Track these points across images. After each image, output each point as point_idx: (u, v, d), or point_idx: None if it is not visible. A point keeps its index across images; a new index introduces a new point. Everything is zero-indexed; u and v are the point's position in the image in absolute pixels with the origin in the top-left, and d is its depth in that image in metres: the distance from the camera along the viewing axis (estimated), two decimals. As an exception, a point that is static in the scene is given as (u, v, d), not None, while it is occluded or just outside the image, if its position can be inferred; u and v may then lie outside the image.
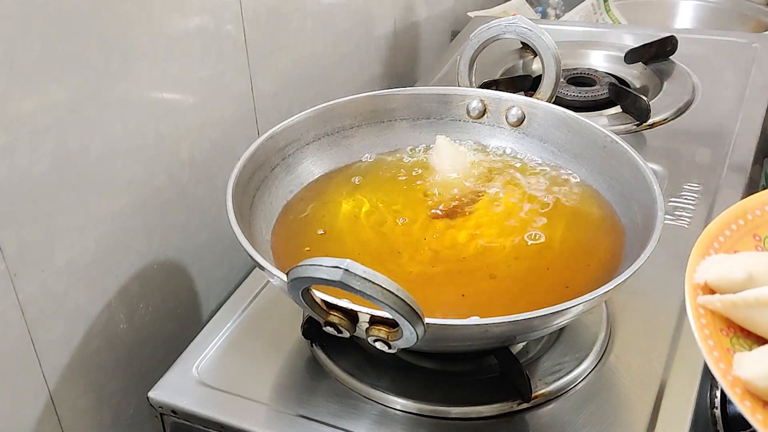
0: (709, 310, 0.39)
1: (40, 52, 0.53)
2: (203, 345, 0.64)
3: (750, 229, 0.44)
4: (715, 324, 0.39)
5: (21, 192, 0.54)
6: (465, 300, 0.58)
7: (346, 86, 0.94)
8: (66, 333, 0.61)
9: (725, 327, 0.39)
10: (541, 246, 0.62)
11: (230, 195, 0.59)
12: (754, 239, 0.43)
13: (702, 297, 0.40)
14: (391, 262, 0.61)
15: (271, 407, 0.58)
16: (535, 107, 0.72)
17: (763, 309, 0.38)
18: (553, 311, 0.50)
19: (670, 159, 0.83)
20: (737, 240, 0.44)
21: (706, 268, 0.41)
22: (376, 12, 0.99)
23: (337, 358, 0.61)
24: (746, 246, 0.43)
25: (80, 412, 0.64)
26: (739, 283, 0.39)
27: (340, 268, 0.42)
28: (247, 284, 0.70)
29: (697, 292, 0.40)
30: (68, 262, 0.59)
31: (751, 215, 0.44)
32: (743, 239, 0.44)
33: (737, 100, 0.92)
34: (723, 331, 0.39)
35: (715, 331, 0.39)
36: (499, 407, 0.56)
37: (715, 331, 0.39)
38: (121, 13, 0.60)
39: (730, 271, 0.40)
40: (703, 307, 0.39)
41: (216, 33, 0.71)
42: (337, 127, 0.72)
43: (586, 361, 0.60)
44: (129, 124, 0.63)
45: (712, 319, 0.39)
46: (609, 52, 1.04)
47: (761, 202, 0.45)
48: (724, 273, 0.40)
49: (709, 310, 0.39)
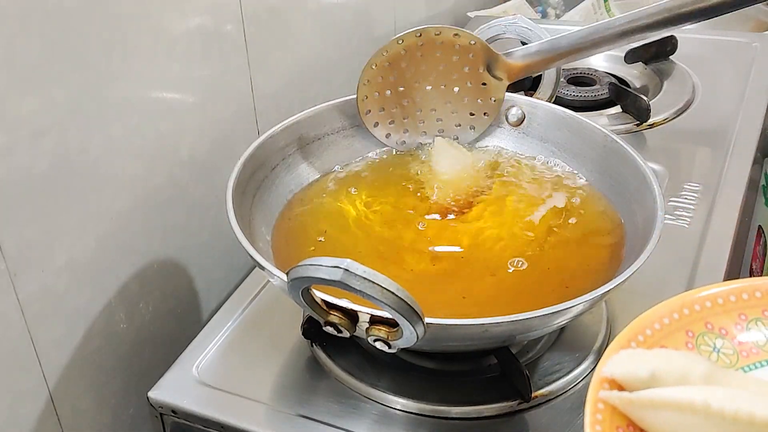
0: (610, 405, 0.39)
1: (40, 52, 0.53)
2: (203, 345, 0.64)
3: (684, 324, 0.43)
4: (613, 420, 0.38)
5: (21, 191, 0.54)
6: (465, 300, 0.58)
7: (346, 86, 0.94)
8: (66, 332, 0.61)
9: (623, 425, 0.38)
10: (541, 245, 0.62)
11: (230, 195, 0.59)
12: (686, 335, 0.42)
13: (604, 392, 0.39)
14: (391, 262, 0.61)
15: (271, 407, 0.58)
16: (536, 107, 0.72)
17: (656, 410, 0.37)
18: (553, 311, 0.50)
19: (670, 159, 0.83)
20: (666, 335, 0.42)
21: (616, 362, 0.40)
22: (376, 12, 0.99)
23: (337, 358, 0.61)
24: (676, 342, 0.42)
25: (80, 412, 0.64)
26: (644, 381, 0.38)
27: (340, 267, 0.42)
28: (247, 284, 0.70)
29: (602, 386, 0.39)
30: (68, 261, 0.59)
31: (689, 310, 0.43)
32: (674, 334, 0.42)
33: (737, 100, 0.92)
34: (620, 429, 0.38)
35: (612, 427, 0.38)
36: (499, 407, 0.56)
37: (612, 427, 0.38)
38: (121, 12, 0.60)
39: (636, 368, 0.39)
40: (603, 401, 0.39)
41: (216, 33, 0.71)
42: (338, 127, 0.72)
43: (586, 360, 0.60)
44: (129, 123, 0.63)
45: (611, 415, 0.38)
46: (609, 51, 1.04)
47: (701, 297, 0.44)
48: (630, 369, 0.39)
49: (610, 405, 0.39)
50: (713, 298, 0.44)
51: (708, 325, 0.43)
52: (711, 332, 0.43)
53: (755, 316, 0.44)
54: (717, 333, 0.43)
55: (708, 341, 0.43)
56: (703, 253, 0.70)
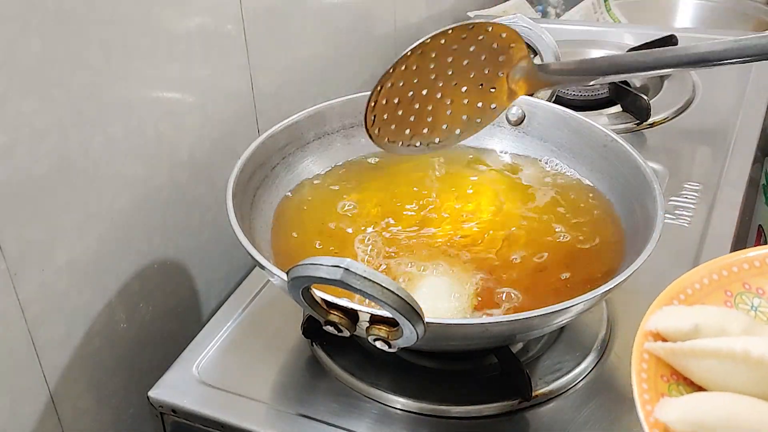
0: (655, 356, 0.41)
1: (40, 52, 0.53)
2: (203, 344, 0.64)
3: (722, 284, 0.45)
4: (657, 370, 0.41)
5: (21, 191, 0.54)
6: (465, 299, 0.58)
7: (346, 86, 0.94)
8: (66, 332, 0.61)
9: (668, 374, 0.41)
10: (541, 245, 0.62)
11: (230, 194, 0.59)
12: (725, 294, 0.44)
13: (648, 343, 0.41)
14: (390, 261, 0.61)
15: (271, 406, 0.58)
16: (536, 106, 0.72)
17: (698, 359, 0.39)
18: (553, 310, 0.50)
19: (671, 158, 0.83)
20: (707, 294, 0.45)
21: (660, 317, 0.43)
22: (376, 11, 0.99)
23: (337, 357, 0.61)
24: (715, 301, 0.44)
25: (80, 412, 0.64)
26: (686, 333, 0.41)
27: (341, 267, 0.42)
28: (248, 283, 0.70)
29: (646, 338, 0.42)
30: (68, 261, 0.59)
31: (727, 272, 0.45)
32: (713, 293, 0.45)
33: (737, 99, 0.92)
34: (664, 377, 0.41)
35: (656, 377, 0.41)
36: (500, 406, 0.56)
37: (656, 377, 0.41)
38: (121, 12, 0.60)
39: (680, 321, 0.41)
40: (648, 352, 0.41)
41: (216, 33, 0.71)
42: (338, 127, 0.72)
43: (587, 360, 0.60)
44: (129, 123, 0.63)
45: (656, 365, 0.41)
46: (609, 51, 1.04)
47: (739, 260, 0.46)
48: (674, 322, 0.42)
49: (654, 356, 0.41)
50: (750, 260, 0.46)
51: (745, 285, 0.45)
52: (748, 292, 0.45)
53: None
54: (754, 293, 0.45)
55: (746, 300, 0.45)
56: (703, 252, 0.70)
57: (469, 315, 0.56)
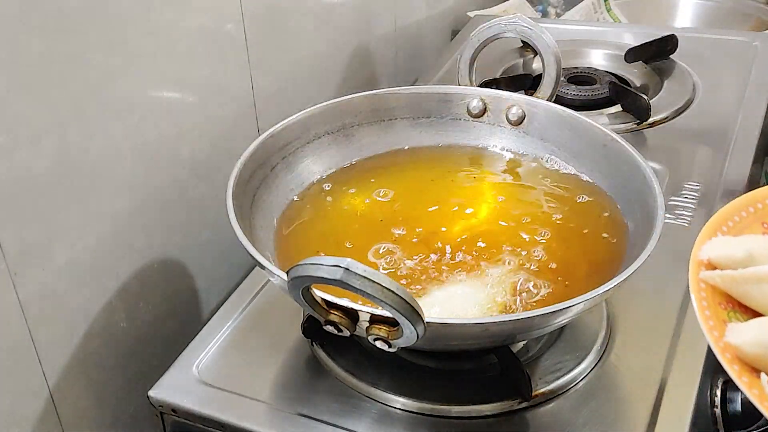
0: (710, 285, 0.42)
1: (40, 51, 0.53)
2: (203, 344, 0.64)
3: (759, 216, 0.46)
4: (714, 298, 0.42)
5: (21, 191, 0.54)
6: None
7: (346, 85, 0.94)
8: (66, 332, 0.61)
9: (724, 301, 0.42)
10: (542, 245, 0.62)
11: (231, 194, 0.59)
12: (762, 226, 0.45)
13: (704, 272, 0.42)
14: (391, 261, 0.61)
15: (271, 406, 0.58)
16: (536, 106, 0.72)
17: (759, 284, 0.41)
18: (554, 310, 0.50)
19: (671, 158, 0.83)
20: (746, 226, 0.45)
21: (710, 247, 0.43)
22: (376, 11, 0.99)
23: (337, 357, 0.61)
24: (754, 232, 0.45)
25: (80, 411, 0.64)
26: (739, 261, 0.42)
27: (341, 266, 0.42)
28: (248, 283, 0.70)
29: (700, 268, 0.43)
30: (69, 261, 0.59)
31: (762, 204, 0.46)
32: (752, 226, 0.45)
33: (737, 99, 0.92)
34: (721, 304, 0.42)
35: (714, 304, 0.41)
36: (500, 406, 0.56)
37: (714, 304, 0.41)
38: (122, 12, 0.60)
39: (732, 250, 0.42)
40: (704, 281, 0.42)
41: (216, 32, 0.71)
42: (338, 126, 0.72)
43: (587, 359, 0.60)
44: (129, 123, 0.63)
45: (712, 293, 0.42)
46: (609, 50, 1.04)
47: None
48: (726, 251, 0.42)
49: (710, 285, 0.42)
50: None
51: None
52: None
53: None
54: None
55: None
56: (703, 252, 0.69)
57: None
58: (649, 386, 0.58)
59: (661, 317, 0.63)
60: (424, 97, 0.74)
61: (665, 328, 0.62)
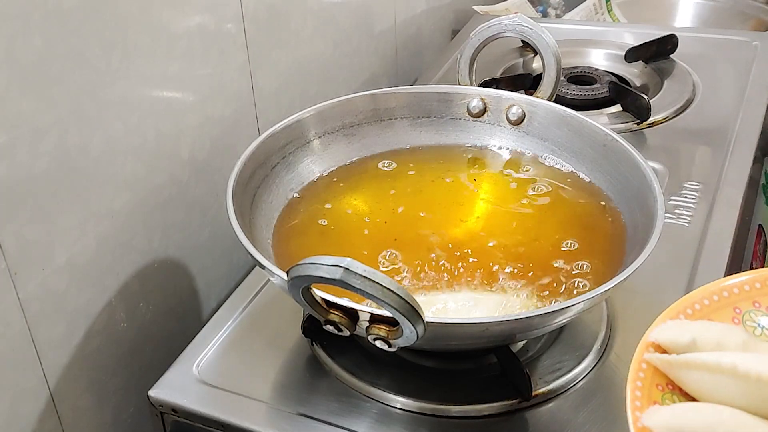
0: (652, 366, 0.43)
1: (40, 50, 0.53)
2: (203, 343, 0.64)
3: (732, 301, 0.46)
4: (654, 379, 0.43)
5: (21, 190, 0.54)
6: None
7: (346, 84, 0.94)
8: (66, 331, 0.61)
9: (663, 383, 0.43)
10: (542, 245, 0.62)
11: (231, 193, 0.59)
12: (733, 311, 0.46)
13: (649, 354, 0.43)
14: (391, 260, 0.61)
15: (271, 406, 0.58)
16: (536, 106, 0.72)
17: (691, 371, 0.41)
18: (554, 310, 0.50)
19: (671, 157, 0.83)
20: (715, 310, 0.46)
21: (663, 329, 0.44)
22: (376, 10, 0.99)
23: (337, 357, 0.61)
24: (723, 317, 0.46)
25: (81, 411, 0.64)
26: (683, 346, 0.43)
27: (341, 266, 0.42)
28: (248, 283, 0.70)
29: (647, 349, 0.44)
30: (69, 260, 0.59)
31: (738, 290, 0.46)
32: (722, 310, 0.46)
33: (737, 99, 0.92)
34: (659, 386, 0.43)
35: (651, 385, 0.43)
36: (500, 406, 0.56)
37: (651, 385, 0.43)
38: (121, 11, 0.60)
39: (678, 335, 0.43)
40: (647, 362, 0.43)
41: (216, 31, 0.71)
42: (338, 126, 0.72)
43: (587, 359, 0.60)
44: (129, 122, 0.63)
45: (653, 374, 0.43)
46: (609, 50, 1.04)
47: (749, 279, 0.47)
48: (673, 336, 0.43)
49: (652, 366, 0.43)
50: (763, 279, 0.47)
51: (756, 303, 0.46)
52: (758, 310, 0.46)
53: None
54: (764, 311, 0.46)
55: (753, 318, 0.46)
56: (703, 251, 0.69)
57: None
58: (649, 386, 0.57)
59: (661, 317, 0.63)
60: (424, 97, 0.74)
61: (665, 328, 0.62)
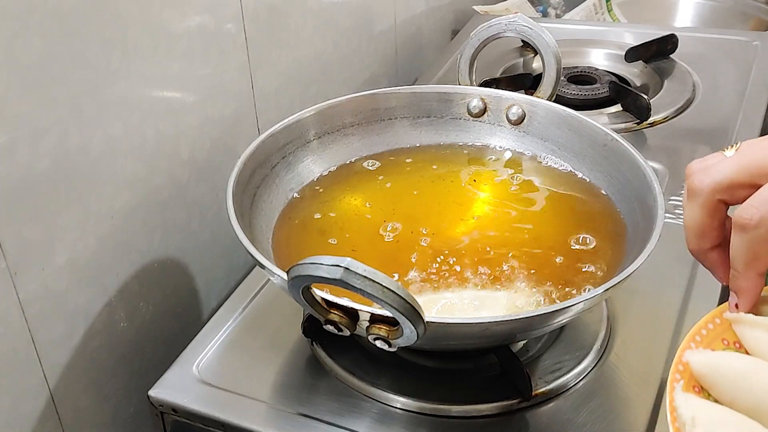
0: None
1: (40, 50, 0.53)
2: (204, 343, 0.64)
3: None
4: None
5: (21, 190, 0.54)
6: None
7: (346, 84, 0.94)
8: (66, 331, 0.61)
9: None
10: (541, 244, 0.62)
11: (230, 193, 0.59)
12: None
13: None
14: (392, 260, 0.61)
15: (271, 405, 0.58)
16: (536, 105, 0.72)
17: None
18: (554, 310, 0.50)
19: (671, 157, 0.83)
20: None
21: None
22: (376, 10, 0.99)
23: (337, 357, 0.61)
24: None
25: (81, 411, 0.64)
26: None
27: (341, 266, 0.42)
28: (248, 283, 0.70)
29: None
30: (68, 260, 0.59)
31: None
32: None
33: (738, 99, 0.92)
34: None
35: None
36: (500, 406, 0.56)
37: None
38: (121, 11, 0.60)
39: None
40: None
41: (216, 31, 0.71)
42: (338, 126, 0.72)
43: (587, 359, 0.60)
44: (129, 122, 0.63)
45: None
46: (609, 50, 1.04)
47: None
48: None
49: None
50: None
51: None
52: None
53: None
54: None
55: None
56: (703, 251, 0.69)
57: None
58: (649, 386, 0.58)
59: (661, 316, 0.63)
60: (424, 97, 0.74)
61: (665, 328, 0.62)
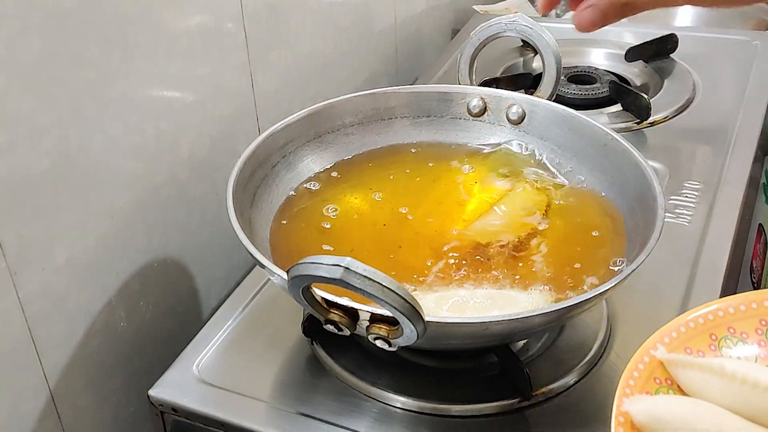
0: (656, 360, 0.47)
1: (40, 50, 0.53)
2: (204, 343, 0.64)
3: (708, 328, 0.48)
4: (654, 372, 0.46)
5: (21, 190, 0.54)
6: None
7: (346, 84, 0.94)
8: (66, 331, 0.61)
9: (663, 378, 0.46)
10: (541, 244, 0.62)
11: (231, 193, 0.59)
12: (710, 338, 0.47)
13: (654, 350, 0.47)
14: (392, 259, 0.61)
15: (271, 405, 0.58)
16: (536, 105, 0.72)
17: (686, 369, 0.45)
18: (553, 309, 0.50)
19: (671, 157, 0.83)
20: (691, 337, 0.48)
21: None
22: (376, 9, 0.99)
23: (337, 356, 0.61)
24: (700, 344, 0.47)
25: (81, 410, 0.64)
26: None
27: (341, 266, 0.42)
28: (248, 282, 0.70)
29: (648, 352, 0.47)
30: (68, 259, 0.59)
31: (713, 316, 0.48)
32: (699, 336, 0.48)
33: (738, 98, 0.92)
34: (657, 379, 0.46)
35: (649, 378, 0.46)
36: (500, 405, 0.56)
37: (649, 378, 0.46)
38: (121, 11, 0.60)
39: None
40: (650, 357, 0.46)
41: (216, 31, 0.71)
42: (338, 125, 0.72)
43: (587, 359, 0.60)
44: (129, 122, 0.63)
45: (654, 368, 0.46)
46: (609, 50, 1.04)
47: (727, 304, 0.49)
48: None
49: (655, 360, 0.47)
50: (737, 305, 0.48)
51: (730, 329, 0.48)
52: (733, 336, 0.48)
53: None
54: (739, 337, 0.48)
55: (730, 345, 0.48)
56: (703, 251, 0.70)
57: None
58: (649, 385, 0.58)
59: (661, 316, 0.63)
60: (424, 96, 0.74)
61: (665, 328, 0.62)
